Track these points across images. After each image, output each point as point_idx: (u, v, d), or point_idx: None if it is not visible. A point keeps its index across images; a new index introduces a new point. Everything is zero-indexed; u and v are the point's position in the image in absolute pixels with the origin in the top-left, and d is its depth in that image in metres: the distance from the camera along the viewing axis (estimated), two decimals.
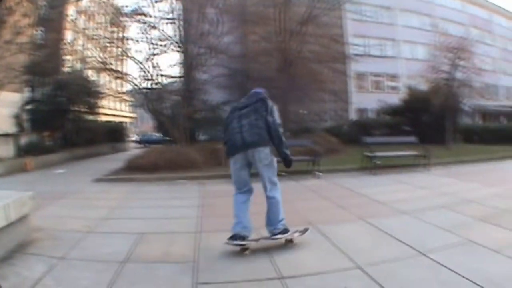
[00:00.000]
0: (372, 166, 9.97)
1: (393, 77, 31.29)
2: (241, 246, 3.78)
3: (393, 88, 30.33)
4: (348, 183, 8.33)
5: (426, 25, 31.15)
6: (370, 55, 25.48)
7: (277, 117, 4.02)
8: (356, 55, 19.45)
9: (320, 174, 9.60)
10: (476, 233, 4.12)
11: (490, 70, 37.30)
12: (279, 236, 3.91)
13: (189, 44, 14.78)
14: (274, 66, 16.81)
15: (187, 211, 5.93)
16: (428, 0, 33.76)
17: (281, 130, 4.02)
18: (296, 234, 4.05)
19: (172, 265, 3.51)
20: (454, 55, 17.33)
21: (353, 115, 27.57)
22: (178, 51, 15.32)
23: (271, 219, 3.96)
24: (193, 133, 16.42)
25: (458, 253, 3.51)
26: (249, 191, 4.12)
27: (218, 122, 14.93)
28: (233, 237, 3.79)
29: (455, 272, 3.05)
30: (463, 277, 2.94)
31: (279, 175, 4.15)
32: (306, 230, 4.17)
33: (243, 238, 3.80)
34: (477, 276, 2.92)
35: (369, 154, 10.18)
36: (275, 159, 4.05)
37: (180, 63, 16.03)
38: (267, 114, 3.97)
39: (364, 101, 27.20)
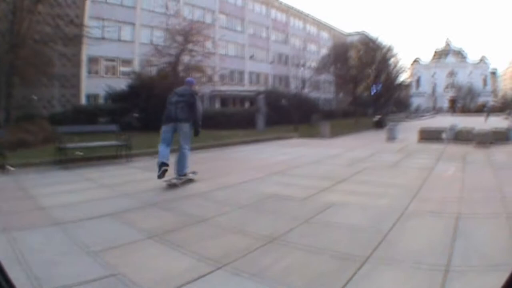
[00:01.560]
0: (65, 159, 8.77)
1: (127, 62, 31.14)
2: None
3: (126, 73, 28.42)
4: (31, 180, 7.18)
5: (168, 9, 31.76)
6: (104, 38, 25.49)
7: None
8: (90, 37, 18.80)
9: (12, 168, 8.11)
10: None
11: (239, 56, 42.81)
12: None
13: None
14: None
15: None
16: None
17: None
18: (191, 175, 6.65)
19: None
20: (183, 38, 18.83)
21: (84, 101, 26.63)
22: None
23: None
24: None
25: None
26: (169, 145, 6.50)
27: None
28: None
29: None
30: None
31: None
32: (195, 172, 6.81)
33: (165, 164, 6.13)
34: None
35: (60, 145, 8.82)
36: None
37: None
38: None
39: (98, 86, 25.63)
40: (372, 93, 32.99)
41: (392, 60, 33.95)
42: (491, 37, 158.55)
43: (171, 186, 6.12)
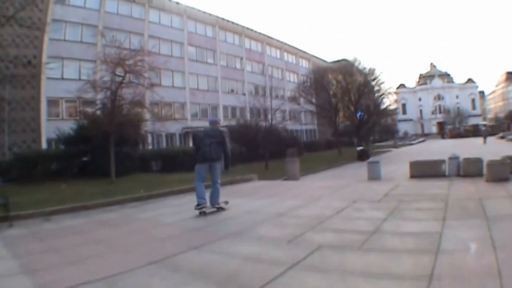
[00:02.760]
0: None
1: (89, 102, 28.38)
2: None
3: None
4: None
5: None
6: (64, 79, 23.42)
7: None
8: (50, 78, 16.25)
9: None
10: None
11: (211, 90, 39.95)
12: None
13: None
14: None
15: None
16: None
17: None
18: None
19: None
20: (123, 69, 15.78)
21: (45, 146, 23.95)
22: None
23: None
24: None
25: None
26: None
27: None
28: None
29: None
30: None
31: None
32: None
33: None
34: None
35: None
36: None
37: None
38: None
39: (60, 129, 23.45)
40: (356, 121, 29.85)
41: (374, 83, 31.02)
42: (476, 60, 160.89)
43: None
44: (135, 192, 10.70)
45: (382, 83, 31.90)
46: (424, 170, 10.99)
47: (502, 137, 38.64)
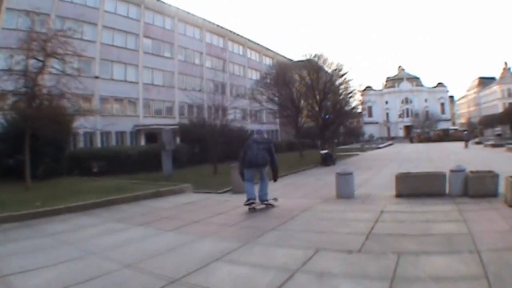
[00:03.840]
0: None
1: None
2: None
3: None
4: None
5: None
6: None
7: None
8: None
9: None
10: None
11: (167, 86, 37.24)
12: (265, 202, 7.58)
13: None
14: None
15: None
16: None
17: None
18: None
19: None
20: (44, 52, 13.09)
21: None
22: None
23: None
24: None
25: None
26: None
27: None
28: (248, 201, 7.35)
29: None
30: None
31: None
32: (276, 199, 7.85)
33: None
34: None
35: None
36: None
37: None
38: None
39: None
40: (320, 121, 27.69)
41: (341, 81, 29.02)
42: (444, 65, 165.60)
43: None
44: (29, 205, 8.27)
45: (351, 80, 30.13)
46: (416, 186, 8.10)
47: (479, 142, 37.73)
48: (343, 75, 28.35)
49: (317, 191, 11.14)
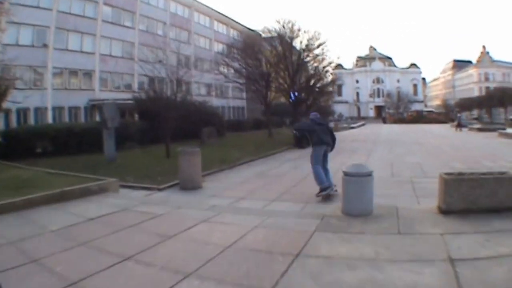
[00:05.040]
0: None
1: None
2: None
3: None
4: None
5: None
6: None
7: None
8: None
9: None
10: None
11: (126, 57, 34.66)
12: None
13: None
14: None
15: None
16: None
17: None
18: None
19: None
20: None
21: None
22: None
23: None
24: None
25: None
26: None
27: None
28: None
29: None
30: None
31: None
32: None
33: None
34: None
35: None
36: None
37: None
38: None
39: None
40: (292, 97, 25.41)
41: (318, 52, 26.22)
42: (416, 47, 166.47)
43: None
44: None
45: (328, 50, 27.83)
46: (475, 196, 5.05)
47: (460, 125, 34.24)
48: (320, 45, 25.98)
49: (297, 187, 8.74)
